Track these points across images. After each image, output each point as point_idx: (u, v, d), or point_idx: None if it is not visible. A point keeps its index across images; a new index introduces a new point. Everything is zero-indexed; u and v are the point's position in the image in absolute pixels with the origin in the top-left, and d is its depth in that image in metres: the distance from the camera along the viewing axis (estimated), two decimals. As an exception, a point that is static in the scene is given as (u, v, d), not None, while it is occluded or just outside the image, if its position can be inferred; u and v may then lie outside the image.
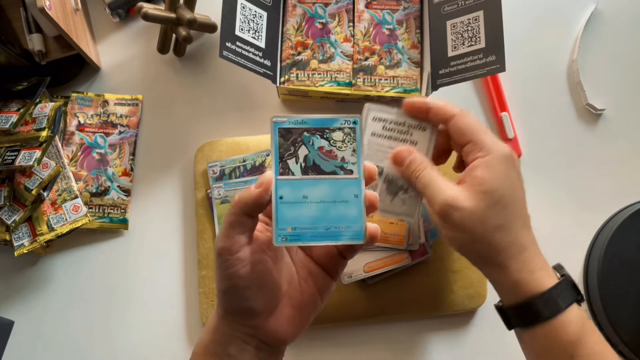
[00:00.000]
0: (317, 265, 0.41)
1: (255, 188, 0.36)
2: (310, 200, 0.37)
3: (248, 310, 0.38)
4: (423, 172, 0.42)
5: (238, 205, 0.36)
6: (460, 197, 0.40)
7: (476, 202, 0.39)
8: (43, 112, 0.61)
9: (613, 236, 0.59)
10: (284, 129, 0.37)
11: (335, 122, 0.37)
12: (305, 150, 0.37)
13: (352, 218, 0.37)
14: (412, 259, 0.58)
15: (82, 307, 0.62)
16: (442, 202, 0.40)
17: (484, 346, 0.61)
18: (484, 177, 0.40)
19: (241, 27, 0.57)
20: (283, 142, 0.37)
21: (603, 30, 0.69)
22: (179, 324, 0.61)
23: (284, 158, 0.37)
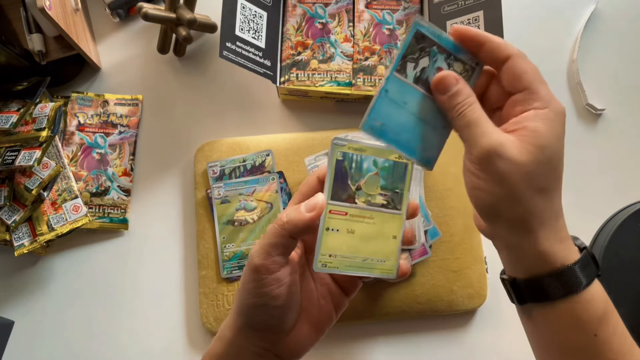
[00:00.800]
0: (335, 284, 0.41)
1: (306, 211, 0.35)
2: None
3: (274, 327, 0.38)
4: (470, 107, 0.36)
5: (286, 227, 0.36)
6: (510, 145, 0.34)
7: (527, 154, 0.34)
8: (43, 112, 0.61)
9: (613, 236, 0.59)
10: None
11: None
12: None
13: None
14: (412, 259, 0.58)
15: (82, 307, 0.62)
16: (487, 146, 0.34)
17: (484, 346, 0.61)
18: (540, 130, 0.34)
19: (241, 27, 0.57)
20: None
21: (603, 30, 0.69)
22: (179, 324, 0.61)
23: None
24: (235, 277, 0.60)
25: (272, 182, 0.61)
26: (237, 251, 0.60)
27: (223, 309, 0.59)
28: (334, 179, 0.37)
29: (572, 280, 0.36)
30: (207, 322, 0.59)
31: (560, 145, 0.35)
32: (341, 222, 0.37)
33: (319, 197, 0.36)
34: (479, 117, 0.35)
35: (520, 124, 0.35)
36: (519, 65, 0.35)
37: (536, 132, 0.34)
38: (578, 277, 0.36)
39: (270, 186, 0.61)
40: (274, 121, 0.67)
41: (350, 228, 0.37)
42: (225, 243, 0.60)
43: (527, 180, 0.34)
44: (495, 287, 0.61)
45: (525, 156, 0.34)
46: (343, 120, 0.66)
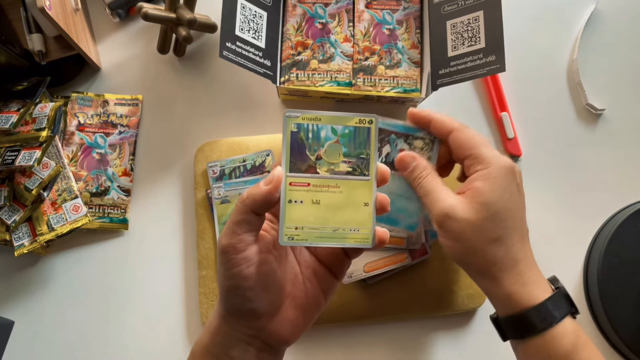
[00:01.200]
0: (321, 265, 0.40)
1: (264, 185, 0.35)
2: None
3: (251, 311, 0.37)
4: (425, 179, 0.43)
5: (246, 202, 0.35)
6: (458, 207, 0.40)
7: (473, 213, 0.40)
8: (43, 112, 0.61)
9: (613, 236, 0.59)
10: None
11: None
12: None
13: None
14: (412, 259, 0.58)
15: (82, 307, 0.62)
16: (440, 211, 0.41)
17: (484, 346, 0.61)
18: (482, 189, 0.40)
19: (241, 27, 0.57)
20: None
21: (603, 30, 0.69)
22: (179, 324, 0.61)
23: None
24: (235, 277, 0.60)
25: (272, 182, 0.61)
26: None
27: (223, 309, 0.59)
28: (290, 151, 0.36)
29: (535, 320, 0.40)
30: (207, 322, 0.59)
31: (506, 198, 0.40)
32: (304, 193, 0.36)
33: (276, 170, 0.35)
34: (433, 187, 0.42)
35: (468, 185, 0.41)
36: (460, 137, 0.42)
37: (480, 191, 0.40)
38: (544, 315, 0.40)
39: (270, 186, 0.61)
40: (274, 121, 0.67)
41: (315, 199, 0.36)
42: (225, 243, 0.60)
43: (478, 234, 0.40)
44: (495, 287, 0.61)
45: (473, 214, 0.40)
46: (343, 120, 0.66)
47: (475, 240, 0.40)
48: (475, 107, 0.67)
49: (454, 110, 0.67)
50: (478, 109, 0.67)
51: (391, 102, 0.64)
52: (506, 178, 0.41)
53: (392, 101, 0.64)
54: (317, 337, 0.60)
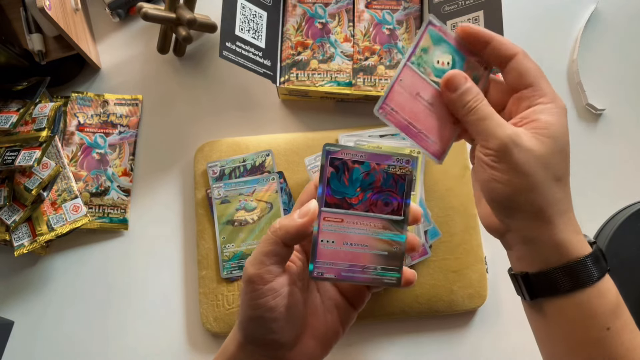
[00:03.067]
0: (342, 297, 0.40)
1: (299, 217, 0.34)
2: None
3: (273, 342, 0.36)
4: (481, 103, 0.37)
5: (278, 233, 0.35)
6: (525, 135, 0.35)
7: (542, 145, 0.35)
8: (43, 112, 0.61)
9: (613, 236, 0.59)
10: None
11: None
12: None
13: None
14: (412, 259, 0.58)
15: (82, 307, 0.62)
16: (504, 136, 0.35)
17: (484, 346, 0.61)
18: (552, 122, 0.35)
19: (241, 27, 0.57)
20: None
21: (603, 30, 0.69)
22: (179, 324, 0.61)
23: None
24: (235, 277, 0.60)
25: (272, 182, 0.61)
26: (237, 251, 0.60)
27: (223, 309, 0.59)
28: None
29: (586, 273, 0.36)
30: (206, 322, 0.59)
31: (567, 138, 0.36)
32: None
33: (311, 204, 0.35)
34: (492, 112, 0.36)
35: (530, 117, 0.36)
36: (525, 63, 0.37)
37: (548, 124, 0.35)
38: (592, 269, 0.36)
39: (270, 186, 0.61)
40: (274, 121, 0.66)
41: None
42: (225, 243, 0.60)
43: (545, 169, 0.35)
44: (495, 287, 0.61)
45: (541, 146, 0.35)
46: (343, 120, 0.66)
47: (541, 174, 0.35)
48: (475, 107, 0.67)
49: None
50: (478, 109, 0.67)
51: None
52: (565, 117, 0.37)
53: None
54: (317, 337, 0.60)
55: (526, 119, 0.36)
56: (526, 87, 0.37)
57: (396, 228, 0.36)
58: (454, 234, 0.60)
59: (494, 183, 0.36)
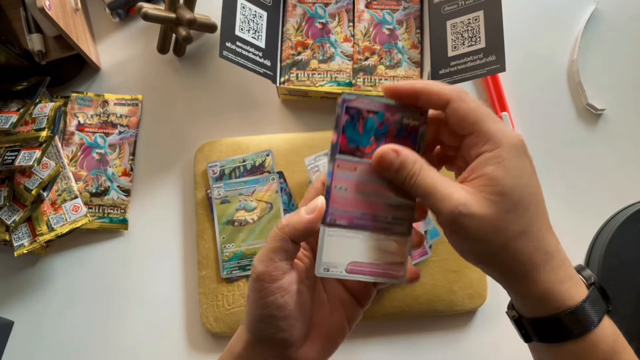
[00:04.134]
0: (348, 294, 0.40)
1: (306, 214, 0.34)
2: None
3: (282, 340, 0.36)
4: (419, 176, 0.34)
5: (285, 230, 0.34)
6: (472, 201, 0.32)
7: (491, 206, 0.32)
8: (43, 112, 0.61)
9: (613, 237, 0.59)
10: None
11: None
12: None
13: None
14: (412, 259, 0.58)
15: (82, 307, 0.62)
16: (450, 210, 0.33)
17: (484, 346, 0.61)
18: (497, 176, 0.32)
19: (241, 27, 0.57)
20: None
21: (603, 30, 0.69)
22: (179, 324, 0.61)
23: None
24: (235, 277, 0.60)
25: (272, 182, 0.61)
26: (237, 251, 0.60)
27: (223, 309, 0.59)
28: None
29: (573, 324, 0.34)
30: (206, 322, 0.59)
31: (526, 182, 0.33)
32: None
33: (319, 200, 0.35)
34: (433, 182, 0.34)
35: (476, 172, 0.33)
36: (461, 108, 0.34)
37: (493, 180, 0.33)
38: (582, 319, 0.34)
39: (270, 186, 0.61)
40: (274, 121, 0.66)
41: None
42: (225, 243, 0.60)
43: (502, 231, 0.33)
44: (495, 287, 0.61)
45: (490, 208, 0.32)
46: (343, 120, 0.66)
47: (500, 237, 0.33)
48: (475, 107, 0.67)
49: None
50: (478, 109, 0.67)
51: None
52: (520, 158, 0.33)
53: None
54: (317, 337, 0.60)
55: (473, 174, 0.34)
56: (468, 135, 0.34)
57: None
58: (454, 234, 0.60)
59: (459, 250, 0.35)
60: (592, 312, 0.34)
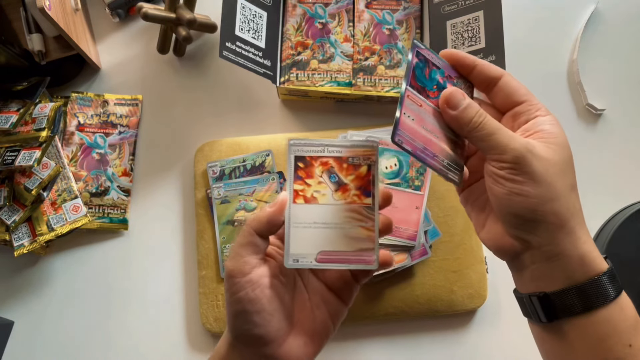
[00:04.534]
0: (329, 291, 0.40)
1: (269, 207, 0.36)
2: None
3: (259, 337, 0.36)
4: (487, 117, 0.35)
5: (251, 225, 0.36)
6: (538, 145, 0.34)
7: (555, 153, 0.34)
8: (43, 112, 0.61)
9: (613, 236, 0.59)
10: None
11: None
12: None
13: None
14: (412, 259, 0.58)
15: (82, 307, 0.62)
16: (520, 147, 0.33)
17: (484, 346, 0.61)
18: (556, 132, 0.35)
19: (241, 27, 0.57)
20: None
21: (603, 30, 0.69)
22: (179, 324, 0.61)
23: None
24: (235, 277, 0.60)
25: (272, 182, 0.61)
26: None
27: (223, 309, 0.59)
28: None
29: (610, 287, 0.34)
30: (206, 322, 0.59)
31: (570, 147, 0.36)
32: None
33: (280, 195, 0.37)
34: (499, 125, 0.35)
35: (534, 129, 0.36)
36: (513, 83, 0.37)
37: (553, 134, 0.35)
38: (612, 284, 0.35)
39: (270, 186, 0.61)
40: (274, 121, 0.66)
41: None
42: (225, 243, 0.60)
43: (563, 178, 0.34)
44: (495, 287, 0.61)
45: (555, 154, 0.34)
46: (343, 120, 0.66)
47: (561, 183, 0.34)
48: (475, 107, 0.67)
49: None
50: (478, 109, 0.67)
51: (391, 102, 0.64)
52: (563, 128, 0.37)
53: (392, 101, 0.64)
54: (317, 337, 0.60)
55: (530, 130, 0.36)
56: (519, 104, 0.37)
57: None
58: (454, 234, 0.60)
59: (514, 197, 0.34)
60: (617, 278, 0.36)
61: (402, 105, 0.36)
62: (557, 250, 0.35)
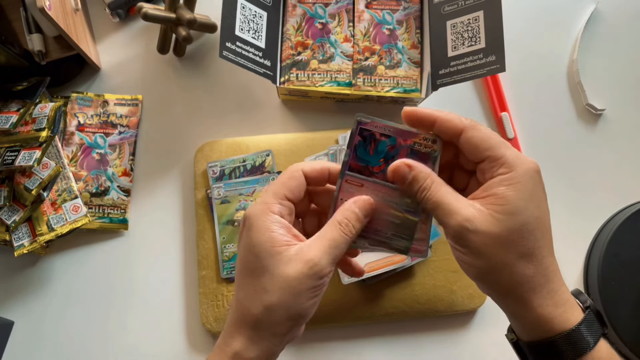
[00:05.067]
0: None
1: (358, 210, 0.37)
2: None
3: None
4: (430, 190, 0.36)
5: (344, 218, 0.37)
6: (478, 218, 0.34)
7: (497, 224, 0.33)
8: (43, 112, 0.61)
9: (613, 236, 0.59)
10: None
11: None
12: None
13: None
14: (412, 259, 0.58)
15: (82, 307, 0.62)
16: (456, 224, 0.34)
17: (484, 346, 0.61)
18: (507, 196, 0.34)
19: (241, 27, 0.57)
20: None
21: (603, 30, 0.69)
22: (179, 324, 0.61)
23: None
24: (235, 277, 0.60)
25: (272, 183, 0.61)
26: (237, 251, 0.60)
27: (223, 309, 0.59)
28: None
29: (568, 347, 0.35)
30: (206, 323, 0.59)
31: (535, 205, 0.34)
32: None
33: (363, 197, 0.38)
34: (441, 198, 0.35)
35: (488, 191, 0.35)
36: (474, 136, 0.35)
37: (503, 199, 0.34)
38: (578, 341, 0.35)
39: (270, 186, 0.61)
40: (274, 121, 0.67)
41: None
42: (225, 243, 0.60)
43: (505, 250, 0.34)
44: (495, 287, 0.61)
45: (496, 226, 0.34)
46: (343, 120, 0.66)
47: (501, 256, 0.34)
48: (475, 107, 0.67)
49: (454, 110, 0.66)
50: (478, 109, 0.67)
51: (391, 102, 0.64)
52: (533, 182, 0.34)
53: (392, 101, 0.64)
54: (317, 337, 0.60)
55: (486, 191, 0.35)
56: (482, 161, 0.36)
57: (413, 200, 0.37)
58: (454, 234, 0.60)
59: (461, 263, 0.36)
60: (587, 334, 0.35)
61: (338, 192, 0.38)
62: (508, 311, 0.37)
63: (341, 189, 0.38)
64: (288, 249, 0.35)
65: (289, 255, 0.35)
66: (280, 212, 0.37)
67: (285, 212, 0.37)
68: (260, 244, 0.36)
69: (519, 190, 0.34)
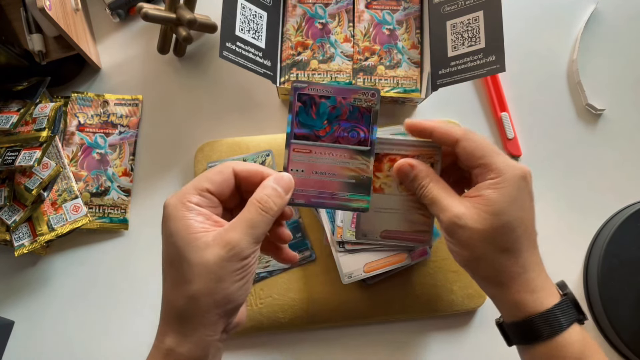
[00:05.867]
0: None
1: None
2: None
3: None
4: (427, 188, 0.41)
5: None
6: (467, 215, 0.39)
7: (482, 222, 0.39)
8: (43, 112, 0.61)
9: (613, 236, 0.59)
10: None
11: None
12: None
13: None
14: (412, 259, 0.58)
15: (82, 307, 0.62)
16: (447, 220, 0.40)
17: (484, 346, 0.61)
18: (492, 198, 0.39)
19: (241, 27, 0.57)
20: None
21: (603, 30, 0.69)
22: (179, 324, 0.61)
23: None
24: (235, 277, 0.60)
25: (272, 182, 0.61)
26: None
27: (223, 309, 0.59)
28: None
29: (543, 326, 0.39)
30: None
31: (518, 207, 0.39)
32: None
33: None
34: (437, 195, 0.41)
35: (478, 192, 0.40)
36: (467, 147, 0.41)
37: (489, 201, 0.39)
38: (551, 321, 0.39)
39: (270, 186, 0.61)
40: (274, 121, 0.67)
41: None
42: (225, 243, 0.60)
43: (488, 244, 0.39)
44: (495, 287, 0.61)
45: (481, 223, 0.39)
46: (343, 120, 0.66)
47: (485, 249, 0.39)
48: (475, 107, 0.67)
49: (454, 110, 0.67)
50: (478, 109, 0.67)
51: (391, 102, 0.64)
52: (518, 187, 0.39)
53: (392, 101, 0.64)
54: (317, 337, 0.60)
55: (476, 191, 0.40)
56: (476, 167, 0.41)
57: (363, 157, 0.39)
58: (454, 234, 0.60)
59: (452, 252, 0.42)
60: (561, 317, 0.40)
61: (288, 163, 0.38)
62: (491, 295, 0.43)
63: (290, 160, 0.38)
64: (206, 235, 0.35)
65: (206, 240, 0.34)
66: (199, 202, 0.37)
67: (205, 204, 0.37)
68: (177, 233, 0.35)
69: (503, 194, 0.39)
